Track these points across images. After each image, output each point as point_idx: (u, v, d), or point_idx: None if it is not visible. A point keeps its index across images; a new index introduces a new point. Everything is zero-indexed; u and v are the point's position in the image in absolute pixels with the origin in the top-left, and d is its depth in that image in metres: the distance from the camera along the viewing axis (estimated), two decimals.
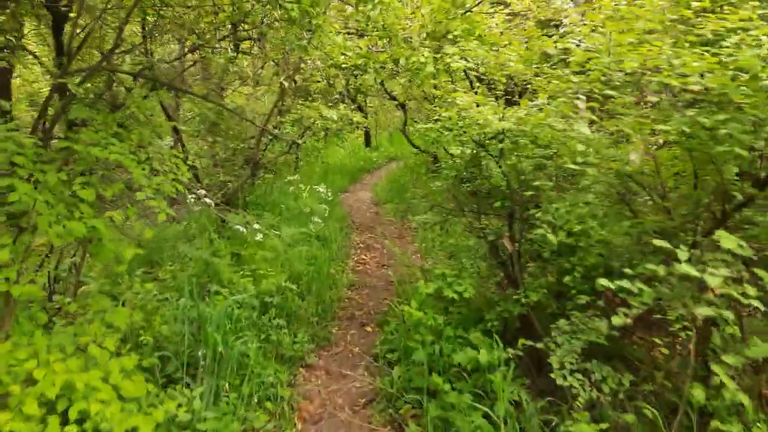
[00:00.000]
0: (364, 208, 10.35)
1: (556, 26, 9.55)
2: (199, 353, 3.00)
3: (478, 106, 3.17)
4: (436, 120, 3.59)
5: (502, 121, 3.12)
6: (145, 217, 5.83)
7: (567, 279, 2.63)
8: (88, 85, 3.06)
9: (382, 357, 3.68)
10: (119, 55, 3.47)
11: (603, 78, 2.06)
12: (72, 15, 2.91)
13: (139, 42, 4.05)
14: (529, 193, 3.17)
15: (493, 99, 3.57)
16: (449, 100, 3.47)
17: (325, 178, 12.41)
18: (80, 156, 2.41)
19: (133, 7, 2.49)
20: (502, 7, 8.57)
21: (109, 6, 2.94)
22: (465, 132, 3.38)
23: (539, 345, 2.42)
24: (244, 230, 4.27)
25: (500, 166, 3.15)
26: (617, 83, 1.99)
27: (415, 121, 13.99)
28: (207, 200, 4.10)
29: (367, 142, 17.38)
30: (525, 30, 8.53)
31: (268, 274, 3.94)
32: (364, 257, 6.84)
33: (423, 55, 5.86)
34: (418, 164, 13.02)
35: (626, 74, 1.93)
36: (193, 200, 4.06)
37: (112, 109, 3.11)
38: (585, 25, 8.37)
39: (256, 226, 4.31)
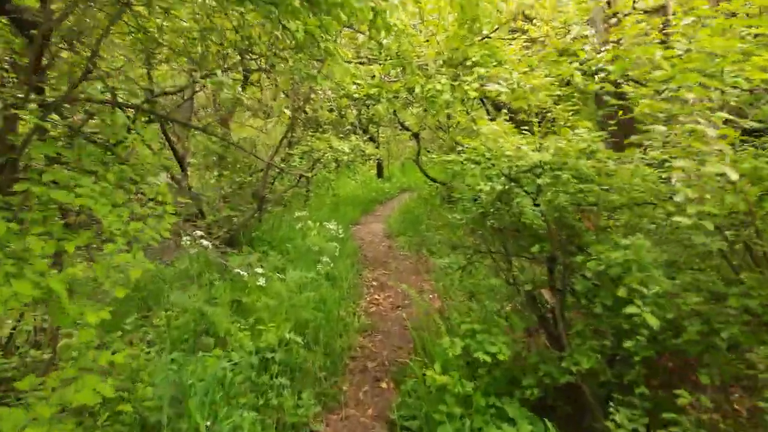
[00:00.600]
0: (377, 241, 9.91)
1: (575, 54, 9.19)
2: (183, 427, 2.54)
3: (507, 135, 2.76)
4: (460, 151, 3.18)
5: (539, 152, 2.69)
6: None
7: (629, 345, 2.14)
8: (69, 117, 2.70)
9: (401, 427, 3.17)
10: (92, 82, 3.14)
11: (714, 97, 1.64)
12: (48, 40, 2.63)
13: (120, 66, 3.71)
14: (563, 234, 2.72)
15: (525, 129, 3.15)
16: (474, 128, 3.06)
17: (336, 209, 12.05)
18: (40, 200, 2.02)
19: (107, 31, 2.15)
20: (519, 33, 8.28)
21: (82, 29, 2.61)
22: (493, 165, 2.95)
23: None
24: (245, 274, 3.85)
25: (537, 204, 2.71)
26: (733, 102, 1.57)
27: (428, 151, 13.69)
28: (204, 242, 3.70)
29: (379, 173, 17.08)
30: (544, 57, 8.17)
31: (270, 327, 3.49)
32: (377, 297, 6.36)
33: (440, 82, 5.51)
34: (432, 195, 12.62)
35: (743, 91, 1.51)
36: (188, 242, 3.66)
37: (107, 146, 2.75)
38: (608, 50, 7.89)
39: (259, 270, 3.89)
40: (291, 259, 4.82)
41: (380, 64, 8.04)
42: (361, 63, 7.65)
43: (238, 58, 5.88)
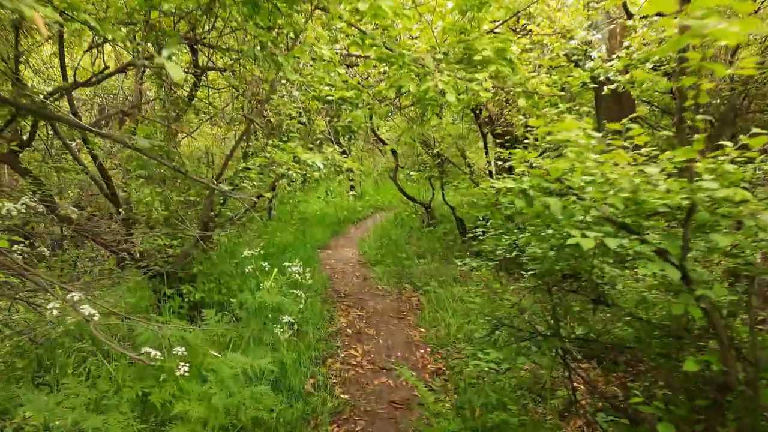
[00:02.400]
0: (350, 271, 8.53)
1: (576, 62, 8.22)
2: None
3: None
4: (520, 174, 1.88)
5: (675, 180, 1.42)
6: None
7: None
8: None
9: None
10: None
11: None
12: None
13: None
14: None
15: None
16: (550, 136, 1.77)
17: (302, 232, 10.63)
18: None
19: None
20: (520, 34, 7.21)
21: None
22: (582, 199, 1.67)
23: None
24: (158, 355, 2.43)
25: (687, 281, 1.43)
26: None
27: (402, 167, 12.41)
28: (85, 309, 2.28)
29: (351, 190, 15.72)
30: (550, 61, 7.06)
31: None
32: (354, 353, 4.98)
33: (441, 80, 4.25)
34: (411, 216, 11.36)
35: None
36: (56, 310, 2.22)
37: None
38: (620, 58, 6.75)
39: (180, 349, 2.49)
40: (238, 317, 3.36)
41: (358, 63, 6.78)
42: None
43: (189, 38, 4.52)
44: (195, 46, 6.64)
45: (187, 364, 2.42)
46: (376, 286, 7.55)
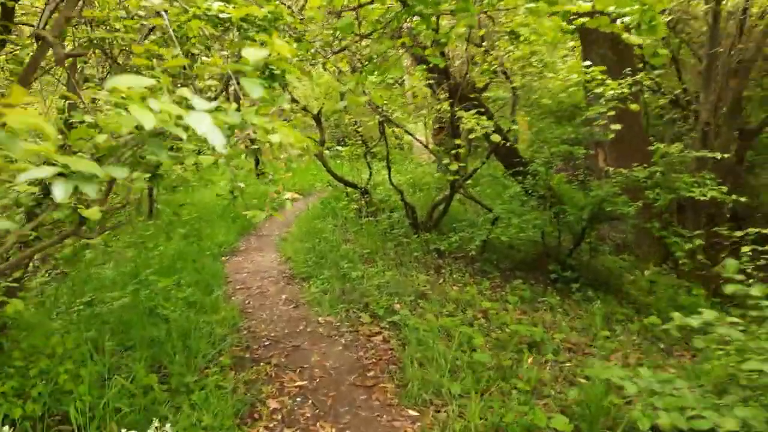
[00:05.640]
0: (272, 292, 5.91)
1: None
2: None
3: None
4: None
5: None
6: None
7: None
8: None
9: None
10: None
11: None
12: None
13: None
14: None
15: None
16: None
17: (198, 234, 7.75)
18: None
19: None
20: None
21: None
22: None
23: None
24: None
25: None
26: None
27: (316, 141, 9.78)
28: None
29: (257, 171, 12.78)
30: None
31: None
32: None
33: None
34: (345, 204, 8.87)
35: None
36: None
37: None
38: None
39: None
40: None
41: None
42: None
43: None
44: None
45: None
46: (315, 318, 5.06)
